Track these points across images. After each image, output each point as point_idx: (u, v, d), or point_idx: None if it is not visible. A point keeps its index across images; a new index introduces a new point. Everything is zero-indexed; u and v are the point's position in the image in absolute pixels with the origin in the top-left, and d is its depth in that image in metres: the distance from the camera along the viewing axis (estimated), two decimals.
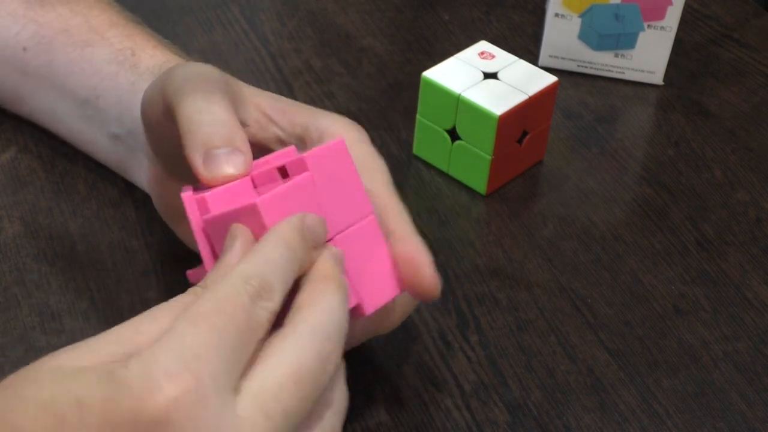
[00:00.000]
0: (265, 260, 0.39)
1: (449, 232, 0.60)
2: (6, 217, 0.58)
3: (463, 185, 0.63)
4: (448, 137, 0.62)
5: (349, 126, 0.47)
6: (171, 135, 0.45)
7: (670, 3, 0.68)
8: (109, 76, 0.56)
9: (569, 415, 0.50)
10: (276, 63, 0.71)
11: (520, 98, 0.60)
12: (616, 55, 0.71)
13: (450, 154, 0.62)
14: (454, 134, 0.61)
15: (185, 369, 0.34)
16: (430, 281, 0.44)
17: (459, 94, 0.60)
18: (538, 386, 0.51)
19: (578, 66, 0.72)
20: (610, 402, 0.51)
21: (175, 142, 0.44)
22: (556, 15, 0.70)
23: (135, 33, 0.57)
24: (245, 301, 0.37)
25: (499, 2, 0.79)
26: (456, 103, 0.60)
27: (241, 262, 0.39)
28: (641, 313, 0.56)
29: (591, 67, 0.72)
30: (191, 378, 0.34)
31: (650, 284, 0.57)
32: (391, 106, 0.68)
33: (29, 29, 0.59)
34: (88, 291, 0.54)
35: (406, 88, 0.70)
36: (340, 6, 0.77)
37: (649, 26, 0.69)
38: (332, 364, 0.38)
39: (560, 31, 0.71)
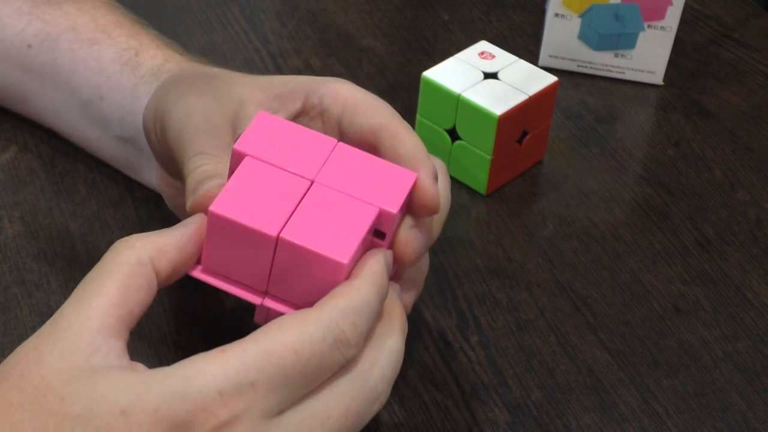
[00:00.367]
0: (365, 303, 0.39)
1: (449, 232, 0.59)
2: (6, 217, 0.58)
3: (463, 185, 0.63)
4: (448, 137, 0.62)
5: (341, 83, 0.48)
6: (174, 158, 0.47)
7: (670, 3, 0.68)
8: (114, 76, 0.56)
9: (569, 415, 0.50)
10: (276, 63, 0.71)
11: (520, 98, 0.60)
12: (616, 55, 0.71)
13: (450, 154, 0.62)
14: (454, 134, 0.61)
15: (239, 395, 0.35)
16: (429, 193, 0.43)
17: (459, 94, 0.60)
18: (538, 386, 0.51)
19: (578, 66, 0.72)
20: (610, 402, 0.51)
21: (178, 163, 0.46)
22: (556, 15, 0.70)
23: (141, 33, 0.58)
24: (325, 349, 0.37)
25: (499, 2, 0.79)
26: (456, 103, 0.60)
27: (339, 298, 0.39)
28: (641, 313, 0.56)
29: (591, 67, 0.72)
30: (242, 405, 0.35)
31: (650, 284, 0.57)
32: (391, 106, 0.68)
33: (34, 26, 0.59)
34: None
35: (406, 88, 0.70)
36: (340, 6, 0.77)
37: (649, 26, 0.69)
38: (380, 404, 0.40)
39: (560, 31, 0.71)
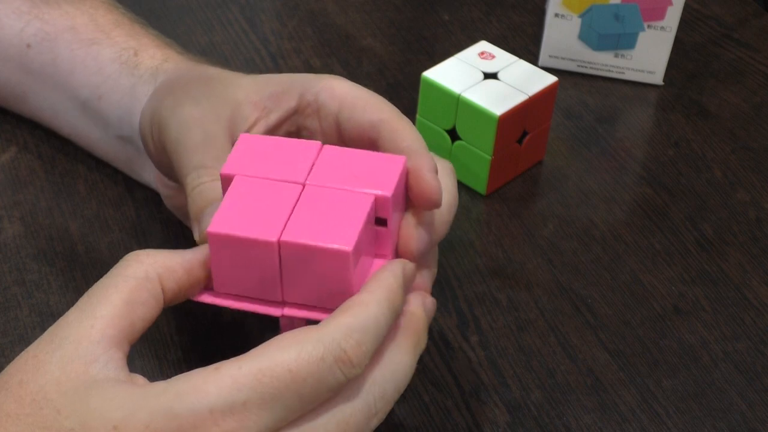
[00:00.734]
0: (373, 320, 0.38)
1: (449, 232, 0.59)
2: (6, 217, 0.58)
3: (463, 185, 0.63)
4: (448, 137, 0.62)
5: (336, 80, 0.48)
6: (172, 167, 0.47)
7: (670, 3, 0.68)
8: (112, 75, 0.56)
9: (569, 415, 0.50)
10: (276, 63, 0.71)
11: (520, 98, 0.60)
12: (616, 55, 0.71)
13: (450, 154, 0.62)
14: (454, 134, 0.61)
15: (230, 413, 0.35)
16: (429, 185, 0.43)
17: (459, 94, 0.60)
18: (538, 386, 0.51)
19: (578, 66, 0.72)
20: (610, 402, 0.51)
21: (176, 172, 0.46)
22: (556, 15, 0.70)
23: (140, 33, 0.58)
24: (323, 369, 0.36)
25: (499, 2, 0.79)
26: (456, 103, 0.60)
27: (344, 315, 0.38)
28: (641, 313, 0.56)
29: (591, 67, 0.72)
30: (234, 423, 0.35)
31: (650, 284, 0.57)
32: None
33: (34, 26, 0.59)
34: None
35: (406, 88, 0.70)
36: (340, 6, 0.77)
37: (649, 26, 0.69)
38: (378, 420, 0.39)
39: (560, 31, 0.71)
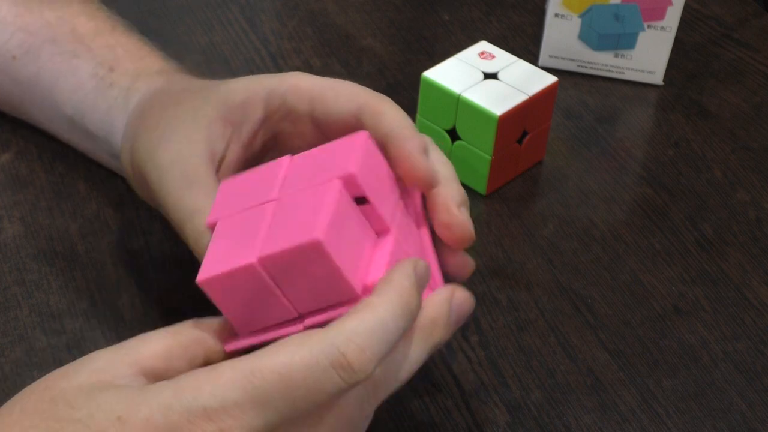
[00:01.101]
0: (380, 324, 0.37)
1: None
2: (6, 217, 0.58)
3: (463, 185, 0.62)
4: (448, 137, 0.62)
5: (299, 76, 0.47)
6: (160, 205, 0.47)
7: (670, 3, 0.68)
8: (91, 94, 0.55)
9: (569, 415, 0.50)
10: (276, 63, 0.71)
11: (520, 98, 0.60)
12: (616, 55, 0.71)
13: (450, 154, 0.62)
14: (454, 134, 0.61)
15: (223, 412, 0.35)
16: (415, 163, 0.42)
17: (459, 94, 0.60)
18: (538, 386, 0.51)
19: (578, 66, 0.72)
20: (610, 402, 0.51)
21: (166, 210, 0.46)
22: (556, 15, 0.70)
23: (119, 43, 0.56)
24: (316, 373, 0.36)
25: (499, 2, 0.79)
26: (456, 103, 0.60)
27: (350, 319, 0.37)
28: (641, 313, 0.56)
29: (591, 67, 0.72)
30: (228, 422, 0.35)
31: (650, 284, 0.57)
32: None
33: (18, 37, 0.58)
34: (88, 291, 0.54)
35: (406, 88, 0.70)
36: (340, 6, 0.77)
37: (649, 26, 0.69)
38: (371, 406, 0.39)
39: (560, 31, 0.71)
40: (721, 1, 0.81)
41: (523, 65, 0.62)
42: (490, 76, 0.61)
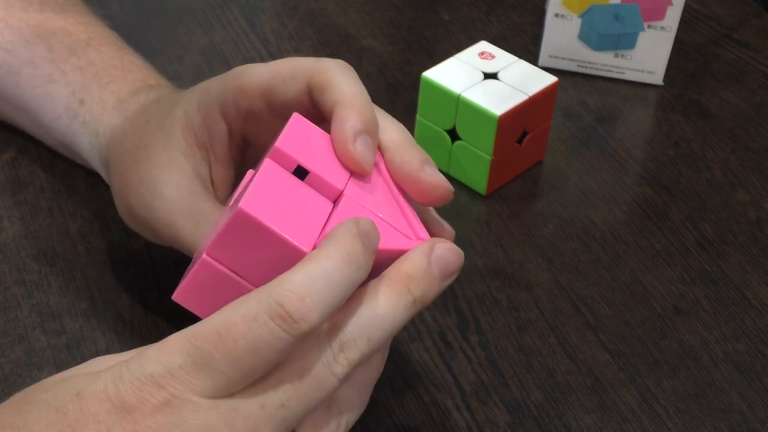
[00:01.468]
0: (322, 273, 0.36)
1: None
2: (6, 217, 0.58)
3: (463, 185, 0.63)
4: (448, 137, 0.62)
5: (243, 73, 0.46)
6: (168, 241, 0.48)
7: (670, 3, 0.68)
8: (70, 128, 0.55)
9: (569, 415, 0.50)
10: None
11: (520, 98, 0.60)
12: (616, 55, 0.71)
13: (450, 154, 0.62)
14: (454, 134, 0.61)
15: (171, 377, 0.35)
16: (349, 122, 0.41)
17: (459, 95, 0.60)
18: (538, 386, 0.51)
19: (578, 66, 0.72)
20: (610, 402, 0.51)
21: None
22: (556, 15, 0.70)
23: (89, 65, 0.56)
24: (256, 328, 0.35)
25: (499, 2, 0.79)
26: (456, 103, 0.60)
27: (289, 272, 0.36)
28: (641, 313, 0.56)
29: (591, 67, 0.72)
30: (177, 386, 0.35)
31: (650, 284, 0.57)
32: (391, 106, 0.68)
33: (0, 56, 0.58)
34: (88, 291, 0.54)
35: (406, 88, 0.70)
36: (340, 6, 0.77)
37: (649, 26, 0.69)
38: (342, 368, 0.38)
39: (560, 31, 0.71)
40: (721, 1, 0.81)
41: (523, 65, 0.62)
42: (490, 76, 0.61)
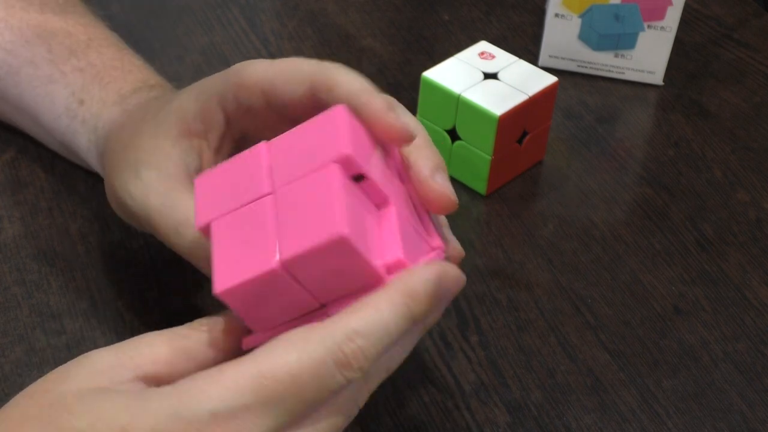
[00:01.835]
0: (382, 326, 0.37)
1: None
2: (6, 217, 0.58)
3: (463, 185, 0.63)
4: (448, 137, 0.62)
5: (243, 70, 0.46)
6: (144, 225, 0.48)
7: (670, 3, 0.68)
8: (70, 128, 0.55)
9: (569, 415, 0.50)
10: None
11: (520, 98, 0.60)
12: (616, 55, 0.71)
13: (450, 154, 0.62)
14: (454, 134, 0.61)
15: (233, 417, 0.35)
16: (385, 120, 0.41)
17: (459, 95, 0.60)
18: (538, 386, 0.51)
19: (578, 66, 0.72)
20: (610, 402, 0.51)
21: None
22: (556, 15, 0.70)
23: (89, 65, 0.56)
24: (324, 372, 0.36)
25: (499, 2, 0.79)
26: (456, 103, 0.60)
27: (352, 316, 0.37)
28: (641, 313, 0.56)
29: (591, 67, 0.72)
30: (236, 427, 0.35)
31: (650, 284, 0.57)
32: None
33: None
34: (88, 291, 0.54)
35: (406, 88, 0.70)
36: (340, 6, 0.77)
37: (649, 26, 0.69)
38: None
39: (560, 32, 0.71)
40: (721, 1, 0.81)
41: (523, 65, 0.62)
42: (490, 76, 0.61)
